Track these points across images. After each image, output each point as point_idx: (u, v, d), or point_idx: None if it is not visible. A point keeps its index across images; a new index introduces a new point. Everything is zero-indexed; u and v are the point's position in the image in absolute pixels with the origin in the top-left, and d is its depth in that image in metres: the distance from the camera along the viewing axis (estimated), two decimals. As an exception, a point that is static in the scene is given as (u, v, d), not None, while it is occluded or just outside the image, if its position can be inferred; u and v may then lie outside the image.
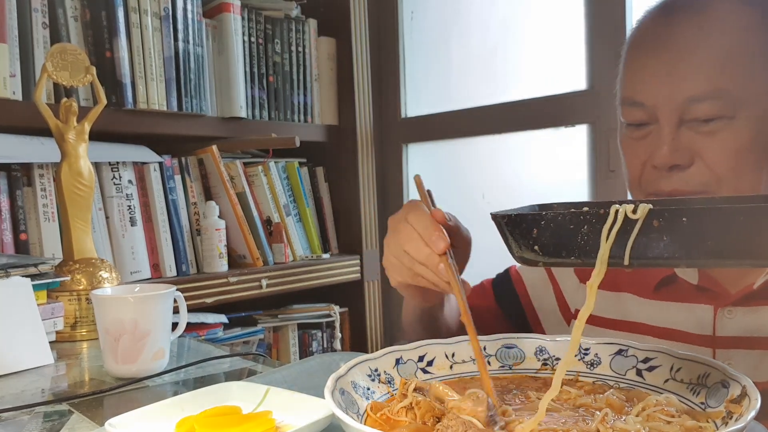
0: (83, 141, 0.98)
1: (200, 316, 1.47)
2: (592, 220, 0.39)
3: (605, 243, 0.39)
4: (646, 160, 0.68)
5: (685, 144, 0.64)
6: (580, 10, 1.43)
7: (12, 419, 0.61)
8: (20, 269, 0.86)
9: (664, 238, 0.37)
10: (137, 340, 0.72)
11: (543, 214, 0.41)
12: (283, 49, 1.68)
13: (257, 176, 1.62)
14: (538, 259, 0.42)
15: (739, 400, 0.42)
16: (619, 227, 0.38)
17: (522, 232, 0.41)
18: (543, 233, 0.40)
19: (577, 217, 0.39)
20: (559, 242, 0.40)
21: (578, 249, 0.40)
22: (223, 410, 0.54)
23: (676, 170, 0.65)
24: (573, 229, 0.39)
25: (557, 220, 0.40)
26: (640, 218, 0.37)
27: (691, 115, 0.64)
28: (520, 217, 0.42)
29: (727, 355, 0.67)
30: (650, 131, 0.67)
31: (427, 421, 0.44)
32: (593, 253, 0.39)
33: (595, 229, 0.39)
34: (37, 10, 1.24)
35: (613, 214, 0.38)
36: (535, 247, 0.41)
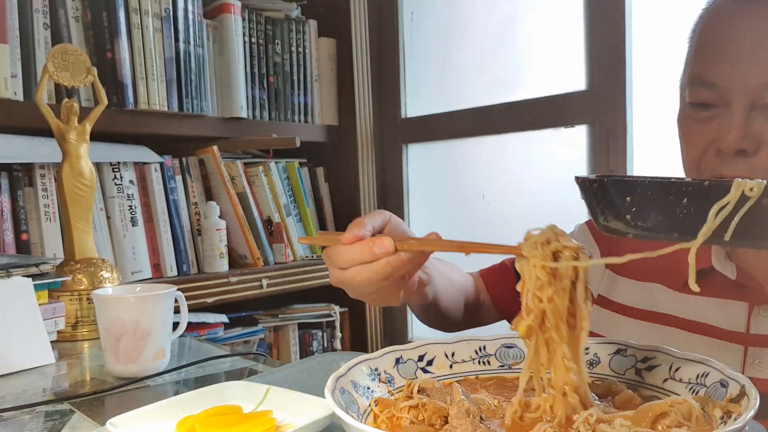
0: (84, 141, 0.99)
1: (201, 316, 1.47)
2: (695, 193, 0.36)
3: (712, 219, 0.37)
4: (709, 144, 0.66)
5: (754, 130, 0.63)
6: (580, 10, 1.43)
7: (13, 418, 0.62)
8: (21, 269, 0.86)
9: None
10: (138, 340, 0.72)
11: (640, 180, 0.38)
12: (283, 49, 1.68)
13: (258, 176, 1.62)
14: (627, 230, 0.39)
15: (738, 400, 0.42)
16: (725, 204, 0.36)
17: (612, 199, 0.38)
18: (636, 202, 0.37)
19: (678, 187, 0.37)
20: (655, 213, 0.37)
21: (676, 222, 0.37)
22: (224, 410, 0.54)
23: (742, 156, 0.63)
24: (672, 200, 0.37)
25: (656, 189, 0.37)
26: (755, 197, 0.35)
27: (764, 100, 0.62)
28: (612, 182, 0.38)
29: (759, 354, 0.66)
30: (717, 114, 0.65)
31: (434, 422, 0.45)
32: (692, 228, 0.37)
33: (696, 203, 0.36)
34: (38, 11, 1.24)
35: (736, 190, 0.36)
36: (626, 217, 0.38)
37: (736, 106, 0.63)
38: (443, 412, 0.45)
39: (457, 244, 0.52)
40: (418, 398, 0.46)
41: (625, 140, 1.38)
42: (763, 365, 0.65)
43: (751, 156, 0.63)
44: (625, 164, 1.38)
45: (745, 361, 0.66)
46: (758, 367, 0.65)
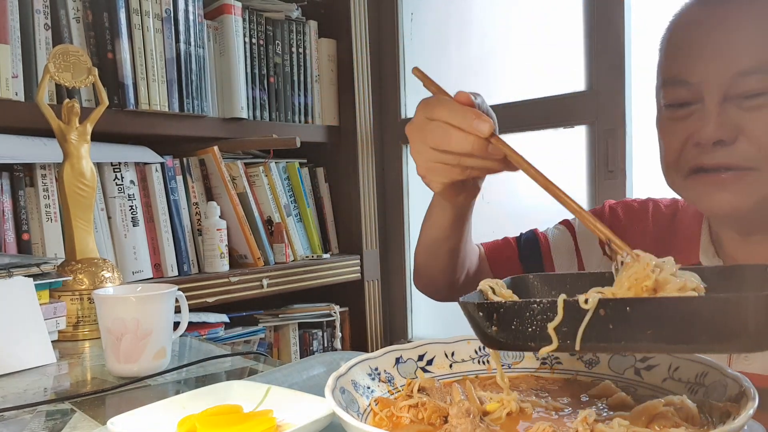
0: (85, 141, 0.99)
1: (201, 316, 1.47)
2: (546, 311, 0.42)
3: (554, 336, 0.41)
4: (687, 139, 0.68)
5: (729, 120, 0.64)
6: (580, 11, 1.44)
7: (14, 418, 0.62)
8: (23, 269, 0.86)
9: (611, 326, 0.40)
10: (139, 340, 0.72)
11: (501, 302, 0.44)
12: (283, 50, 1.68)
13: (258, 176, 1.62)
14: (500, 344, 0.44)
15: (738, 399, 0.42)
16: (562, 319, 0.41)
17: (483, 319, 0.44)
18: (501, 321, 0.43)
19: (530, 306, 0.42)
20: (517, 329, 0.43)
21: (533, 337, 0.42)
22: (225, 409, 0.55)
23: (720, 146, 0.65)
24: (528, 317, 0.42)
25: (514, 309, 0.43)
26: (590, 309, 0.40)
27: (737, 90, 0.64)
28: (481, 306, 0.44)
29: None
30: (693, 111, 0.67)
31: (434, 421, 0.45)
32: (547, 340, 0.42)
33: (548, 318, 0.42)
34: (39, 12, 1.24)
35: (561, 309, 0.41)
36: (496, 333, 0.44)
37: (709, 99, 0.65)
38: (443, 412, 0.45)
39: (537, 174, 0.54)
40: (418, 397, 0.47)
41: (624, 140, 1.38)
42: (749, 359, 0.66)
43: (729, 144, 0.65)
44: (625, 164, 1.38)
45: (731, 356, 0.67)
46: (745, 361, 0.66)
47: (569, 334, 0.41)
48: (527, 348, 0.43)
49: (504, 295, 0.51)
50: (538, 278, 0.55)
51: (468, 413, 0.44)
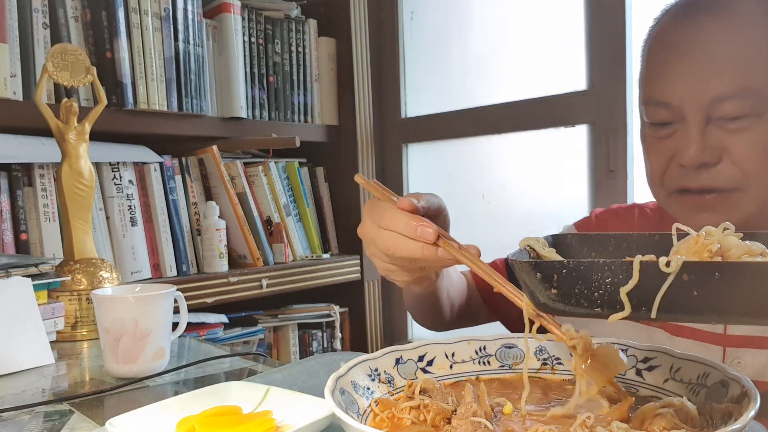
0: (84, 141, 0.99)
1: (200, 316, 1.47)
2: (618, 273, 0.37)
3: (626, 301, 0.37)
4: (671, 158, 0.68)
5: (712, 142, 0.64)
6: (580, 11, 1.43)
7: (12, 419, 0.61)
8: (21, 269, 0.86)
9: (695, 293, 0.36)
10: (138, 340, 0.72)
11: (565, 262, 0.39)
12: (283, 49, 1.68)
13: (257, 176, 1.62)
14: (558, 309, 0.40)
15: (739, 400, 0.42)
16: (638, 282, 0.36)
17: (541, 280, 0.39)
18: (564, 282, 0.38)
19: (601, 267, 0.37)
20: (581, 292, 0.38)
21: (601, 300, 0.38)
22: (224, 410, 0.54)
23: (704, 168, 0.65)
24: (597, 279, 0.37)
25: (580, 270, 0.38)
26: (673, 273, 0.35)
27: (717, 113, 0.64)
28: (538, 265, 0.39)
29: (736, 354, 0.67)
30: (675, 130, 0.67)
31: (438, 423, 0.45)
32: (617, 305, 0.37)
33: (619, 282, 0.37)
34: (37, 11, 1.24)
35: (637, 272, 0.36)
36: (555, 296, 0.39)
37: (691, 121, 0.65)
38: (446, 414, 0.45)
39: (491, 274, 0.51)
40: (419, 399, 0.46)
41: (625, 140, 1.38)
42: (741, 365, 0.66)
43: (713, 166, 0.65)
44: (625, 164, 1.38)
45: (724, 361, 0.67)
46: (737, 367, 0.67)
47: (645, 300, 0.36)
48: (592, 314, 0.38)
49: (549, 255, 0.46)
50: (577, 238, 0.50)
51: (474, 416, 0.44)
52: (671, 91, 0.66)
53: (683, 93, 0.65)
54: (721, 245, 0.38)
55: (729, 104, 0.63)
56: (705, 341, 0.69)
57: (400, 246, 0.55)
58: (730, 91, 0.63)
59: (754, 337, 0.66)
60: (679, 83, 0.65)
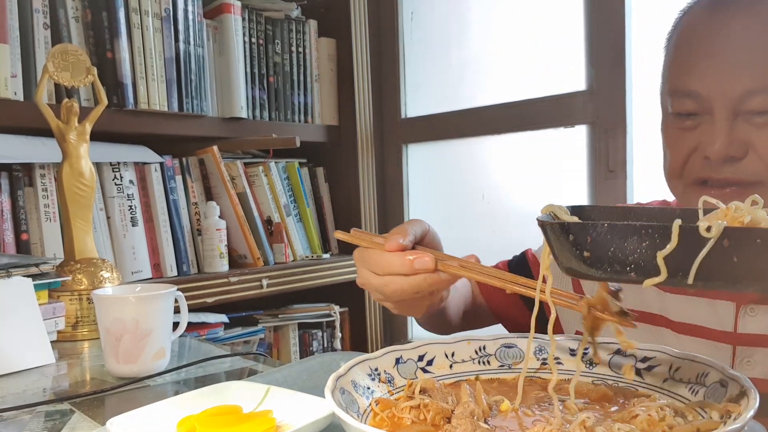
0: (84, 141, 0.99)
1: (201, 316, 1.47)
2: (655, 236, 0.36)
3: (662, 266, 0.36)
4: (693, 150, 0.67)
5: (739, 136, 0.64)
6: (580, 11, 1.43)
7: (13, 418, 0.62)
8: (22, 269, 0.86)
9: (735, 260, 0.35)
10: (138, 340, 0.72)
11: (599, 223, 0.37)
12: (283, 49, 1.68)
13: (258, 176, 1.62)
14: (589, 273, 0.38)
15: (738, 399, 0.42)
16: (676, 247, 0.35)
17: (573, 242, 0.38)
18: (597, 244, 0.37)
19: (638, 230, 0.36)
20: (615, 256, 0.37)
21: (636, 265, 0.37)
22: (224, 410, 0.54)
23: (729, 162, 0.65)
24: (632, 242, 0.36)
25: (615, 232, 0.36)
26: (714, 237, 0.34)
27: (746, 107, 0.63)
28: (572, 226, 0.38)
29: (747, 353, 0.67)
30: (700, 122, 0.66)
31: (438, 422, 0.45)
32: (653, 271, 0.36)
33: (656, 246, 0.36)
34: (38, 11, 1.24)
35: (676, 236, 0.35)
36: (586, 259, 0.38)
37: (719, 114, 0.64)
38: (446, 413, 0.45)
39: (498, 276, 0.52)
40: (419, 398, 0.46)
41: (625, 140, 1.38)
42: (751, 364, 0.66)
43: (739, 160, 0.64)
44: (625, 164, 1.38)
45: (734, 360, 0.67)
46: (747, 366, 0.66)
47: (682, 265, 0.35)
48: (625, 279, 0.37)
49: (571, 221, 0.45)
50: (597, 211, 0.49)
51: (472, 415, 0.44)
52: (700, 82, 0.65)
53: (713, 85, 0.64)
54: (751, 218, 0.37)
55: (758, 99, 0.62)
56: (715, 340, 0.68)
57: (405, 286, 0.56)
58: (760, 85, 0.62)
59: (765, 336, 0.66)
60: (709, 75, 0.65)
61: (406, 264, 0.55)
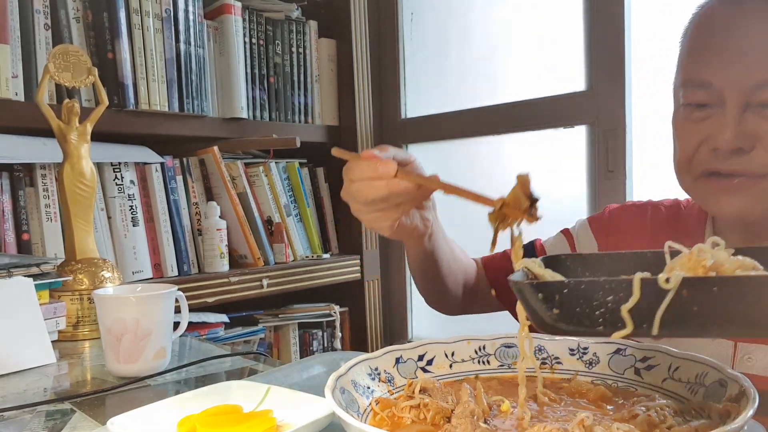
0: (85, 141, 0.99)
1: (201, 316, 1.47)
2: (618, 290, 0.37)
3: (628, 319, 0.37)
4: (703, 141, 0.67)
5: (749, 128, 0.64)
6: (580, 11, 1.44)
7: (14, 418, 0.62)
8: (22, 269, 0.86)
9: (695, 309, 0.36)
10: (139, 340, 0.72)
11: (566, 282, 0.39)
12: (283, 50, 1.68)
13: (258, 176, 1.62)
14: (561, 328, 0.40)
15: (737, 399, 0.42)
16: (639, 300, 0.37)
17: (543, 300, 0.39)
18: (565, 302, 0.38)
19: (602, 285, 0.37)
20: (583, 311, 0.38)
21: (603, 319, 0.38)
22: (224, 409, 0.55)
23: (737, 154, 0.65)
24: (598, 297, 0.37)
25: (581, 289, 0.38)
26: (672, 288, 0.35)
27: (757, 99, 0.64)
28: (539, 286, 0.40)
29: (747, 350, 0.67)
30: (711, 113, 0.67)
31: (438, 422, 0.45)
32: (619, 323, 0.37)
33: (620, 300, 0.37)
34: (39, 12, 1.24)
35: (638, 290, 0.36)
36: (557, 316, 0.39)
37: (730, 105, 0.65)
38: (446, 413, 0.45)
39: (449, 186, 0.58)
40: (419, 398, 0.47)
41: (624, 140, 1.38)
42: (752, 361, 0.66)
43: (747, 153, 0.65)
44: (625, 164, 1.38)
45: (734, 356, 0.67)
46: (747, 363, 0.66)
47: (646, 316, 0.36)
48: (595, 333, 0.38)
49: (545, 274, 0.47)
50: (571, 258, 0.51)
51: (471, 415, 0.44)
52: (713, 72, 0.66)
53: (725, 75, 0.65)
54: (714, 261, 0.39)
55: None
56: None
57: (369, 189, 0.62)
58: None
59: None
60: (722, 66, 0.65)
61: (371, 167, 0.61)
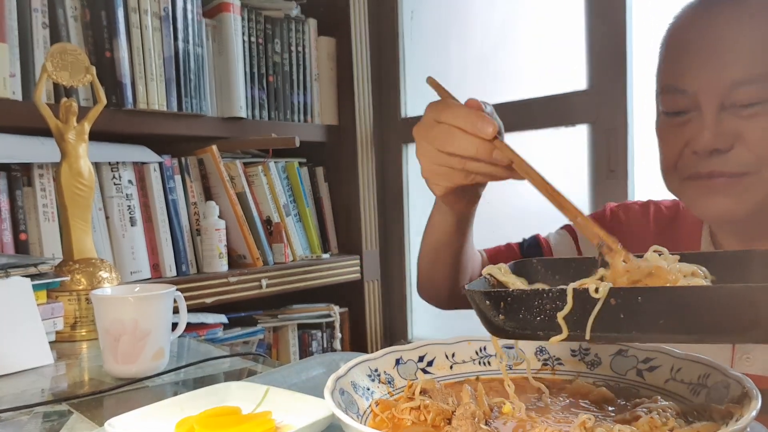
0: (83, 141, 0.98)
1: (200, 316, 1.47)
2: (555, 299, 0.41)
3: (563, 325, 0.41)
4: (685, 146, 0.69)
5: (726, 129, 0.65)
6: (580, 11, 1.43)
7: (11, 419, 0.61)
8: (20, 269, 0.86)
9: (621, 316, 0.39)
10: (137, 340, 0.72)
11: (510, 291, 0.43)
12: (282, 49, 1.68)
13: (257, 176, 1.62)
14: (507, 332, 0.44)
15: (740, 401, 0.42)
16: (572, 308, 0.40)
17: (491, 307, 0.44)
18: (509, 309, 0.43)
19: (540, 294, 0.41)
20: (525, 318, 0.42)
21: (542, 326, 0.42)
22: (223, 410, 0.54)
23: (716, 154, 0.66)
24: (537, 305, 0.41)
25: (522, 298, 0.42)
26: (601, 298, 0.39)
27: (732, 99, 0.65)
28: (488, 294, 0.44)
29: (745, 350, 0.67)
30: (690, 118, 0.68)
31: (438, 423, 0.45)
32: (556, 329, 0.41)
33: (557, 307, 0.41)
34: (37, 10, 1.24)
35: (571, 299, 0.40)
36: (503, 321, 0.43)
37: (705, 108, 0.66)
38: (446, 414, 0.45)
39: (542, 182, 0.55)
40: (420, 399, 0.46)
41: (625, 140, 1.38)
42: (751, 360, 0.66)
43: (726, 152, 0.66)
44: (626, 164, 1.38)
45: (733, 356, 0.68)
46: (746, 362, 0.66)
47: (579, 323, 0.40)
48: (536, 337, 0.43)
49: (508, 281, 0.50)
50: (542, 263, 0.54)
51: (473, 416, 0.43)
52: (688, 78, 0.67)
53: (699, 80, 0.66)
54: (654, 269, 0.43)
55: (744, 90, 0.64)
56: None
57: (455, 140, 0.55)
58: (746, 76, 0.64)
59: None
60: (696, 71, 0.66)
61: (470, 119, 0.54)
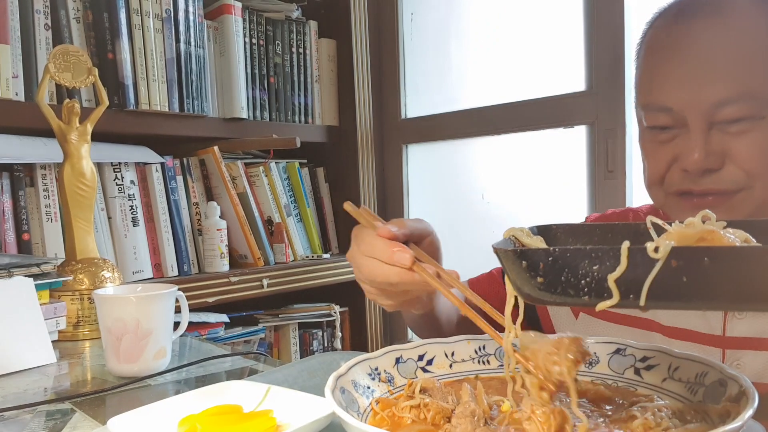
0: (85, 142, 0.99)
1: (201, 316, 1.47)
2: (605, 259, 0.36)
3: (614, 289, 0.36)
4: (672, 162, 0.67)
5: (715, 147, 0.64)
6: (580, 11, 1.44)
7: (14, 418, 0.62)
8: (23, 269, 0.86)
9: (684, 279, 0.34)
10: (139, 340, 0.72)
11: (551, 249, 0.38)
12: (283, 50, 1.68)
13: (258, 177, 1.62)
14: (544, 298, 0.38)
15: (737, 399, 0.42)
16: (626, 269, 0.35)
17: (526, 269, 0.38)
18: (549, 270, 0.37)
19: (588, 254, 0.36)
20: (568, 280, 0.37)
21: (588, 288, 0.37)
22: (225, 409, 0.55)
23: (708, 173, 0.65)
24: (584, 266, 0.36)
25: (566, 257, 0.36)
26: (661, 258, 0.34)
27: (719, 117, 0.63)
28: (524, 253, 0.38)
29: (736, 356, 0.67)
30: (676, 134, 0.66)
31: (438, 422, 0.45)
32: (605, 293, 0.36)
33: (607, 269, 0.36)
34: (39, 12, 1.24)
35: (626, 258, 0.35)
36: (540, 285, 0.38)
37: (693, 127, 0.64)
38: (446, 413, 0.45)
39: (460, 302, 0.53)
40: (420, 398, 0.47)
41: (624, 141, 1.38)
42: (741, 367, 0.66)
43: (717, 171, 0.64)
44: (624, 165, 1.38)
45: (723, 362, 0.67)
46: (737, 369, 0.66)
47: (633, 287, 0.35)
48: (580, 303, 0.37)
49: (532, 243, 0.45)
50: (562, 229, 0.49)
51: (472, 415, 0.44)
52: (672, 96, 0.65)
53: (684, 98, 0.64)
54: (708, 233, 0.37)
55: (730, 108, 0.62)
56: (703, 343, 0.68)
57: (378, 272, 0.57)
58: (731, 95, 0.62)
59: (753, 339, 0.66)
60: (680, 89, 0.64)
61: (386, 251, 0.57)
